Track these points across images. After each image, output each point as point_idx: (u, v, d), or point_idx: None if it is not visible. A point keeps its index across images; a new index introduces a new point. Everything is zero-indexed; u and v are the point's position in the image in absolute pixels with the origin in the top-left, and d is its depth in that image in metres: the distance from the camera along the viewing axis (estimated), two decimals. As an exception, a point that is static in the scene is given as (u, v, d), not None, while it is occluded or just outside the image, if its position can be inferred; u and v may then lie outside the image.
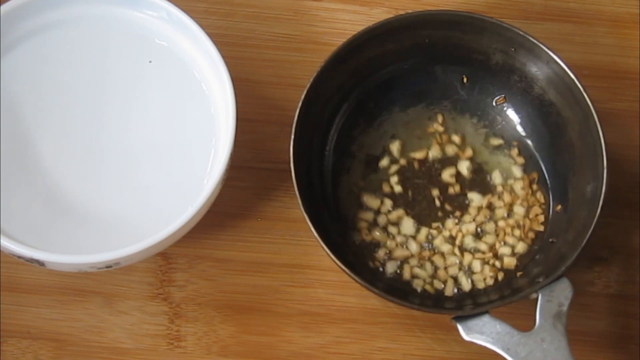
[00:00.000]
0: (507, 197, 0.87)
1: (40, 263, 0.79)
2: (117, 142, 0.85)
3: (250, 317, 0.85)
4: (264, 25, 0.92)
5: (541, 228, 0.86)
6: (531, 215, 0.86)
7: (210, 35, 0.84)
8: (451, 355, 0.85)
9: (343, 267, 0.79)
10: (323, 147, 0.88)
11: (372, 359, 0.85)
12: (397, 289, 0.84)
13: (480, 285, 0.85)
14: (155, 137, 0.85)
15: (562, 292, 0.79)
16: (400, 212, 0.86)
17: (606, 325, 0.86)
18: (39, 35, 0.86)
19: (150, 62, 0.86)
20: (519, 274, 0.84)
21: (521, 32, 0.85)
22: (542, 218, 0.86)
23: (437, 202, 0.87)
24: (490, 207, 0.87)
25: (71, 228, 0.83)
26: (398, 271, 0.85)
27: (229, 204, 0.87)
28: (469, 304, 0.82)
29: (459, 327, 0.79)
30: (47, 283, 0.85)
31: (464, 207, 0.87)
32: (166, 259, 0.86)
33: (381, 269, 0.85)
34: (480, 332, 0.79)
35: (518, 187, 0.87)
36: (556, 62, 0.84)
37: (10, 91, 0.85)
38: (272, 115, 0.89)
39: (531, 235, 0.86)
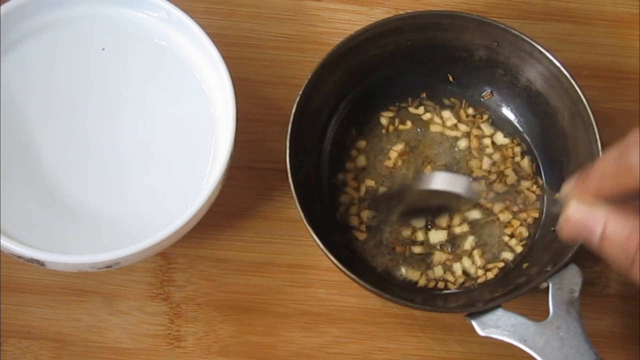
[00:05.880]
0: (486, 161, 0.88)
1: (40, 263, 0.79)
2: (117, 141, 0.85)
3: (250, 317, 0.85)
4: (264, 25, 0.92)
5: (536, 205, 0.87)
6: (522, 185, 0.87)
7: (210, 35, 0.84)
8: (451, 355, 0.85)
9: (340, 265, 0.79)
10: (320, 153, 0.88)
11: (372, 359, 0.85)
12: (395, 286, 0.84)
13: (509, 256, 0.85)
14: (155, 137, 0.85)
15: (572, 278, 0.79)
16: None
17: (606, 325, 0.86)
18: (38, 35, 0.86)
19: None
20: (525, 265, 0.84)
21: (503, 26, 0.85)
22: (532, 194, 0.87)
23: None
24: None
25: (71, 228, 0.83)
26: (401, 270, 0.85)
27: (229, 204, 0.87)
28: (480, 300, 0.81)
29: (474, 323, 0.79)
30: (47, 283, 0.85)
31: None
32: (166, 259, 0.86)
33: (382, 269, 0.85)
34: (495, 326, 0.79)
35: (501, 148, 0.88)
36: (540, 51, 0.84)
37: (10, 91, 0.85)
38: (272, 115, 0.89)
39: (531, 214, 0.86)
